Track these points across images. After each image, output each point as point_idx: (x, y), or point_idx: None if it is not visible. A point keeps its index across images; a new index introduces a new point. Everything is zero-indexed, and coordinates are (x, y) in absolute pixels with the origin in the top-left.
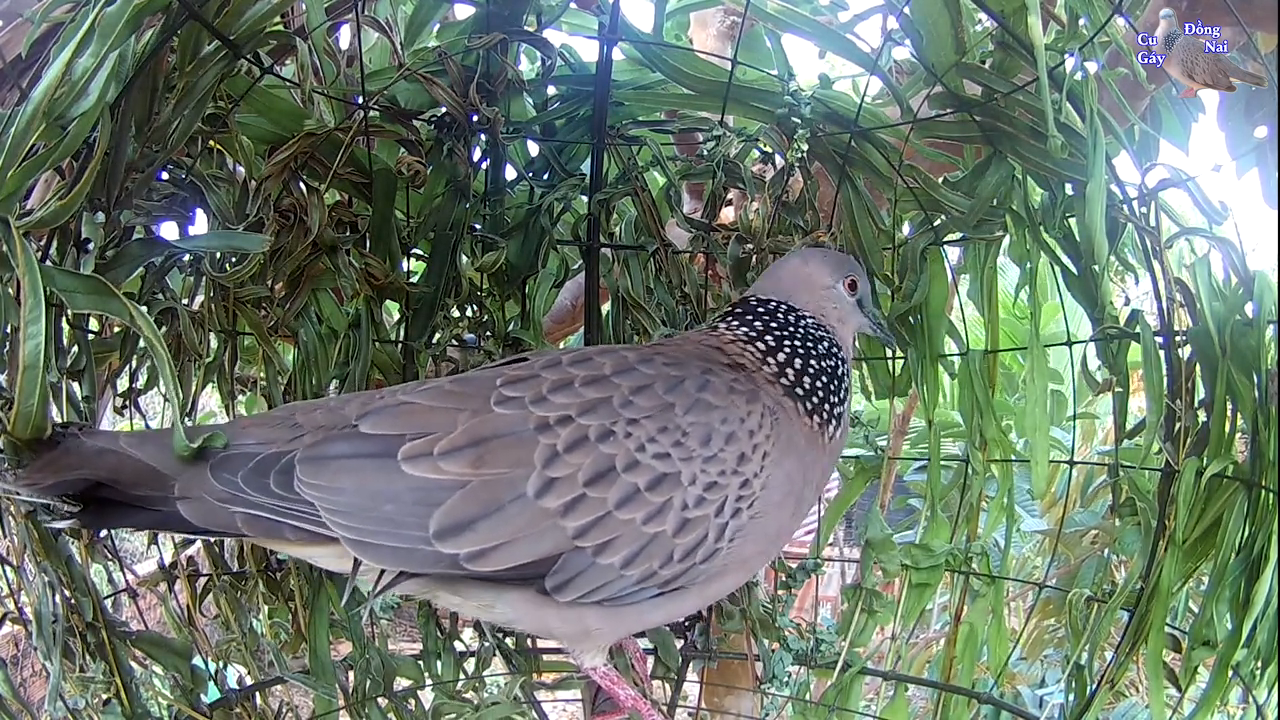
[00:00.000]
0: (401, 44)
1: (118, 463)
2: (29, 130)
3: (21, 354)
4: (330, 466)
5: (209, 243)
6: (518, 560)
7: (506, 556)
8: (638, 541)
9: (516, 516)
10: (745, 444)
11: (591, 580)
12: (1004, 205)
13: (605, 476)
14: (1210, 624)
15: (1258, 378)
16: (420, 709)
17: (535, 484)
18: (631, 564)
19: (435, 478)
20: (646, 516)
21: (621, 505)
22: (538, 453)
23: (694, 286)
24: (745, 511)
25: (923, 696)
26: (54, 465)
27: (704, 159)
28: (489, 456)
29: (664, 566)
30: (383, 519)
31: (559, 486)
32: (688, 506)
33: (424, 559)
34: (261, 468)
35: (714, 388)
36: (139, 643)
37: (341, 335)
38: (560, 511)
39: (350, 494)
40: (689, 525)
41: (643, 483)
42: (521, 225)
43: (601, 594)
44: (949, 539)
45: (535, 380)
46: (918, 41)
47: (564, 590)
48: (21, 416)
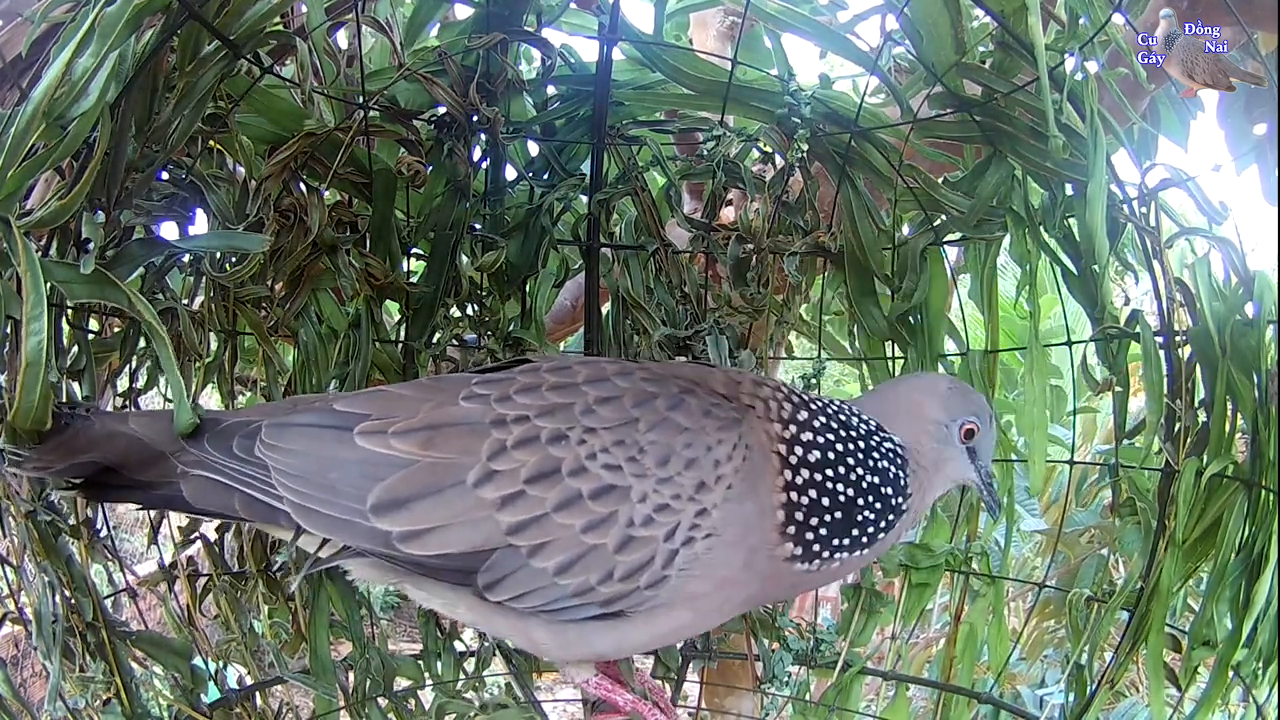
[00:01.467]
0: (401, 44)
1: (126, 446)
2: (29, 130)
3: (24, 351)
4: (290, 431)
5: (209, 243)
6: (449, 548)
7: (438, 541)
8: (574, 549)
9: (453, 501)
10: (708, 471)
11: (523, 583)
12: (1004, 205)
13: (548, 478)
14: (1210, 624)
15: (1258, 378)
16: (420, 709)
17: (477, 473)
18: (566, 572)
19: (383, 452)
20: (587, 525)
21: (561, 509)
22: (486, 444)
23: (694, 286)
24: (699, 542)
25: (923, 696)
26: (64, 448)
27: (704, 159)
28: (439, 440)
29: (602, 583)
30: (326, 486)
31: (500, 479)
32: (634, 524)
33: (359, 533)
34: (228, 432)
35: (686, 408)
36: (139, 643)
37: (341, 335)
38: (497, 504)
39: (300, 456)
40: (633, 544)
41: (587, 490)
42: (521, 225)
43: (534, 600)
44: (949, 539)
45: (507, 381)
46: (917, 41)
47: (495, 589)
48: (23, 412)
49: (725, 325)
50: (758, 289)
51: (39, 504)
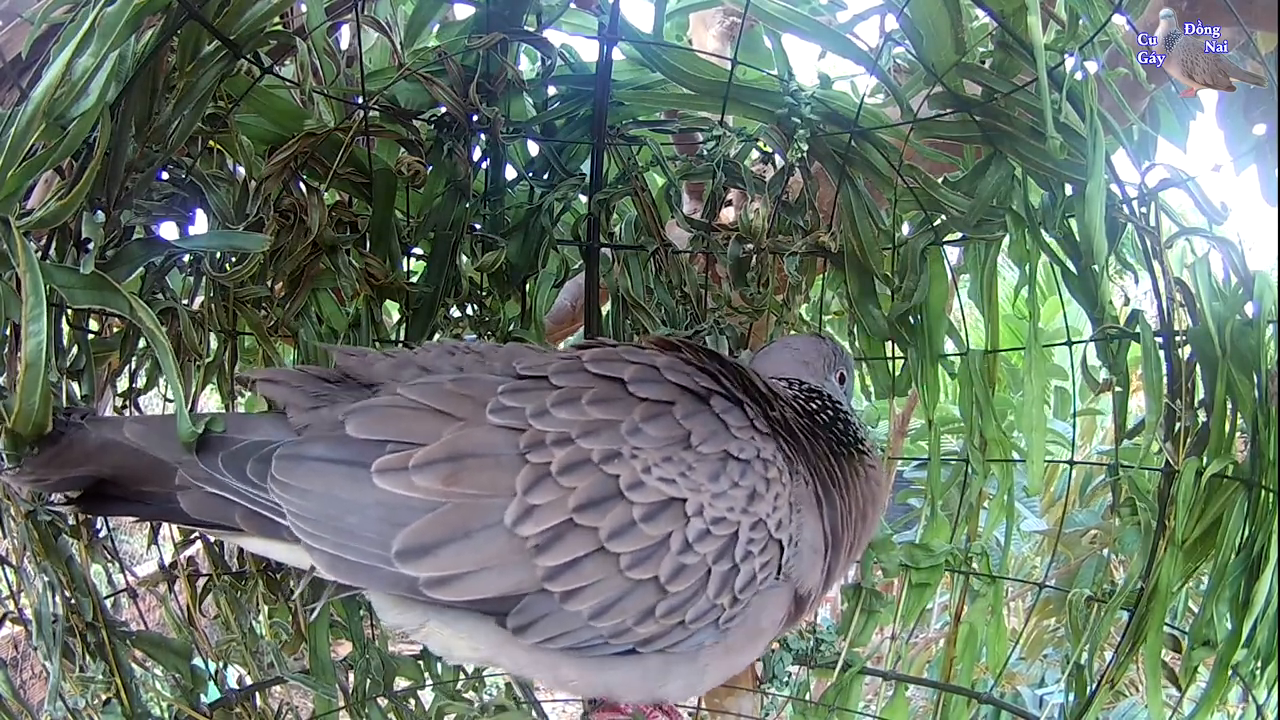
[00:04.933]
0: (401, 44)
1: (121, 459)
2: (29, 130)
3: (23, 352)
4: (303, 467)
5: (209, 243)
6: (480, 593)
7: (469, 588)
8: (614, 590)
9: (485, 545)
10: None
11: (556, 625)
12: (1004, 205)
13: (605, 502)
14: (1210, 624)
15: (1258, 378)
16: (420, 709)
17: (514, 511)
18: (602, 616)
19: (404, 494)
20: (634, 560)
21: (615, 537)
22: (521, 476)
23: (694, 286)
24: (756, 558)
25: (923, 697)
26: (57, 461)
27: (704, 159)
28: (465, 476)
29: (640, 623)
30: (345, 531)
31: (541, 514)
32: (688, 547)
33: (384, 579)
34: (242, 454)
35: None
36: (139, 643)
37: (341, 335)
38: (534, 549)
39: (316, 499)
40: (683, 573)
41: (639, 513)
42: (521, 225)
43: (566, 641)
44: (949, 538)
45: (540, 391)
46: (918, 41)
47: (527, 632)
48: (24, 415)
49: (725, 325)
50: (758, 289)
51: (39, 504)
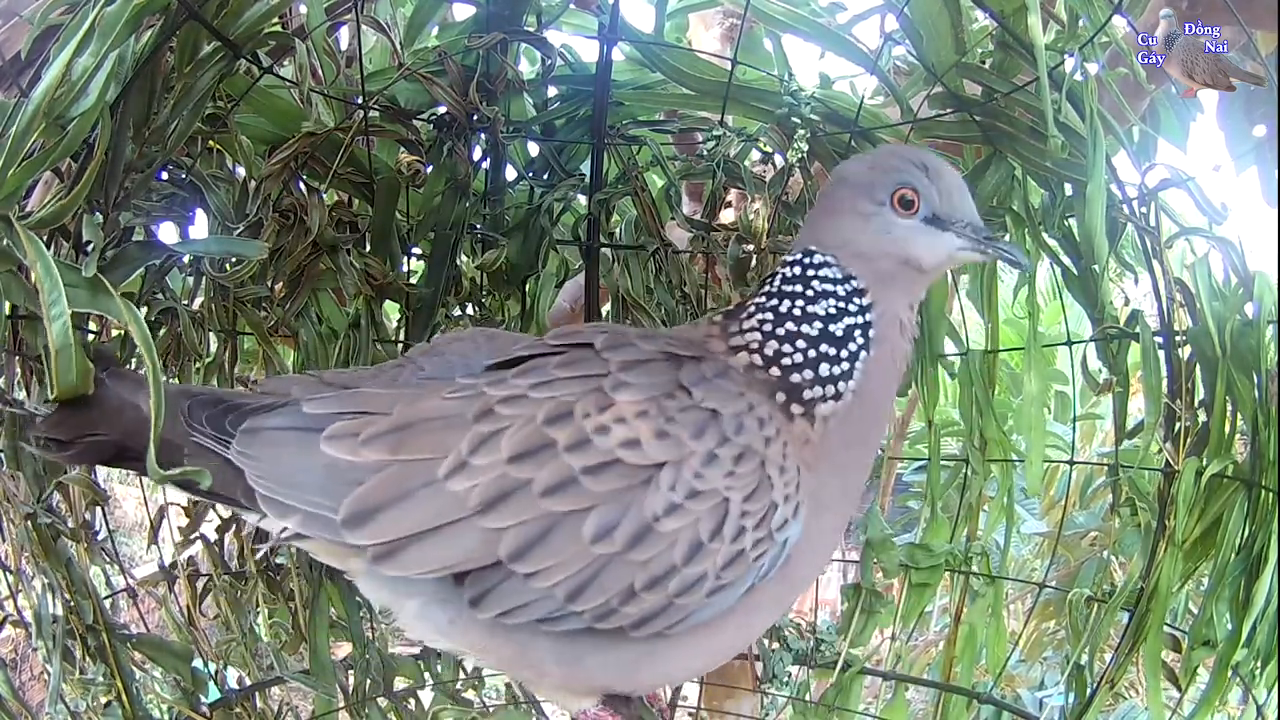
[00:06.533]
0: (401, 44)
1: (138, 423)
2: (29, 130)
3: (51, 337)
4: (260, 437)
5: (207, 248)
6: (428, 566)
7: (416, 559)
8: (581, 563)
9: (423, 503)
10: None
11: (514, 596)
12: (1004, 205)
13: (538, 453)
14: (1210, 624)
15: (1258, 378)
16: (420, 709)
17: (449, 464)
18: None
19: (349, 459)
20: (599, 530)
21: (551, 493)
22: (467, 438)
23: (694, 286)
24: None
25: (922, 697)
26: (74, 421)
27: (704, 159)
28: (410, 440)
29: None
30: (296, 485)
31: (474, 469)
32: (657, 518)
33: (335, 530)
34: (224, 412)
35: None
36: (139, 645)
37: (341, 335)
38: (478, 506)
39: (270, 462)
40: (649, 540)
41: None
42: (521, 225)
43: (529, 614)
44: (949, 539)
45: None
46: (918, 41)
47: (483, 605)
48: (64, 391)
49: None
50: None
51: (38, 506)
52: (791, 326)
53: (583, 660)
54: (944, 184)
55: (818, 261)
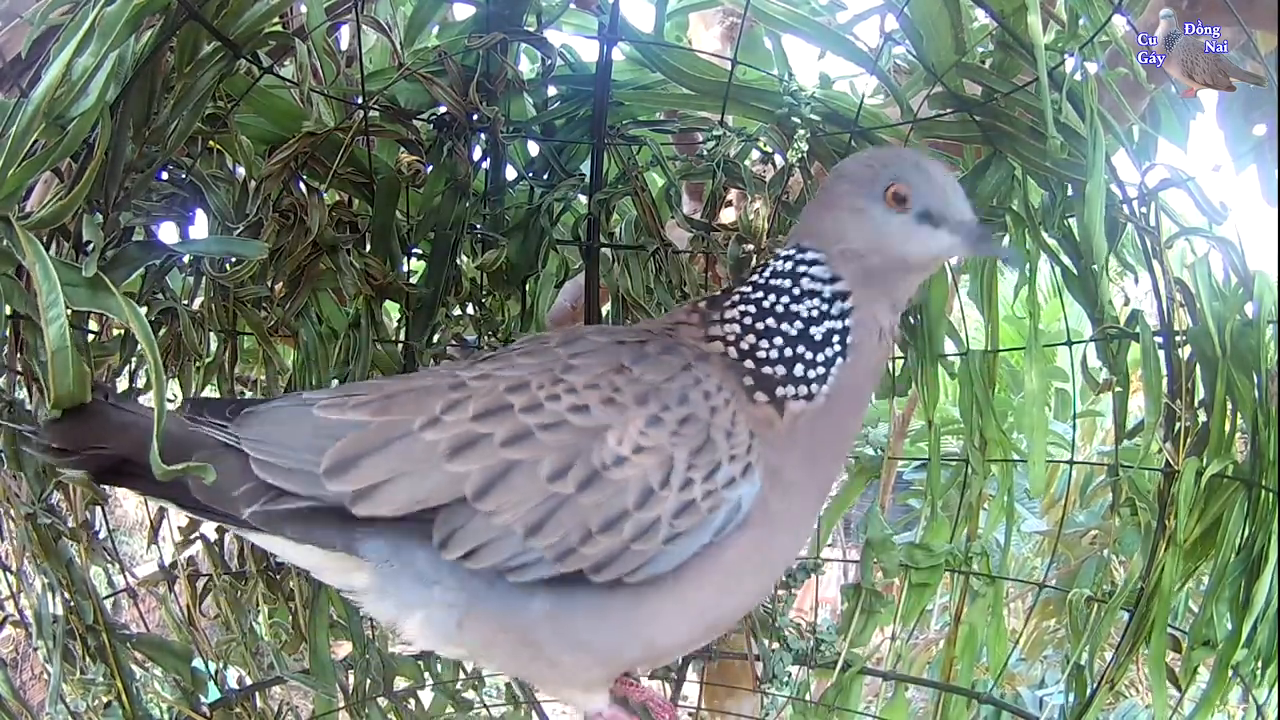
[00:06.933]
0: (401, 44)
1: (140, 442)
2: (29, 130)
3: (48, 339)
4: (257, 416)
5: (207, 248)
6: (400, 502)
7: (387, 497)
8: (537, 498)
9: (400, 451)
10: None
11: (478, 535)
12: (1004, 205)
13: (500, 412)
14: (1210, 624)
15: (1258, 378)
16: (420, 709)
17: (423, 420)
18: (537, 533)
19: (337, 418)
20: (553, 472)
21: (511, 443)
22: (441, 401)
23: (694, 286)
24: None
25: (923, 697)
26: (78, 433)
27: (704, 159)
28: (394, 406)
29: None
30: (283, 444)
31: (446, 424)
32: (606, 466)
33: (313, 484)
34: (226, 403)
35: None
36: (139, 645)
37: (341, 335)
38: (445, 453)
39: (262, 429)
40: (599, 484)
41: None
42: (521, 225)
43: (494, 556)
44: (949, 539)
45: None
46: (918, 41)
47: (450, 545)
48: (61, 398)
49: None
50: None
51: (39, 506)
52: (771, 323)
53: (577, 627)
54: (936, 181)
55: (809, 259)
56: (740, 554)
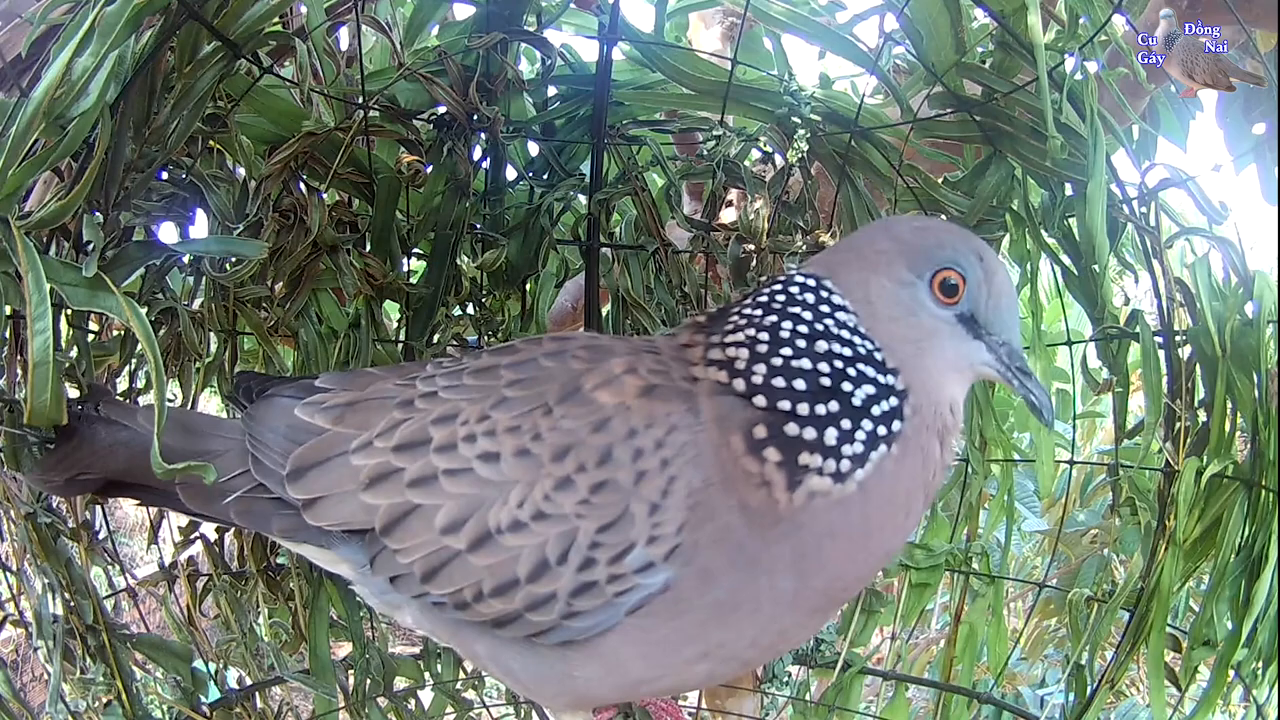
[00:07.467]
0: (401, 44)
1: (130, 459)
2: (29, 130)
3: (30, 350)
4: (265, 403)
5: (207, 248)
6: (332, 519)
7: (324, 512)
8: (432, 549)
9: (332, 471)
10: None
11: (390, 567)
12: (1004, 205)
13: (415, 448)
14: (1210, 623)
15: (1258, 378)
16: (420, 709)
17: (359, 442)
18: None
19: (305, 421)
20: (448, 524)
21: (416, 485)
22: (385, 419)
23: (694, 286)
24: (603, 568)
25: (923, 697)
26: (68, 461)
27: (704, 159)
28: (349, 415)
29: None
30: (264, 443)
31: (372, 450)
32: (500, 530)
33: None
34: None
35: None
36: (139, 645)
37: (341, 335)
38: (365, 482)
39: (257, 420)
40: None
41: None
42: (521, 225)
43: (406, 589)
44: (949, 538)
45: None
46: (918, 41)
47: (375, 568)
48: (36, 413)
49: None
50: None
51: (39, 506)
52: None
53: (511, 667)
54: (996, 285)
55: (836, 302)
56: (678, 636)
